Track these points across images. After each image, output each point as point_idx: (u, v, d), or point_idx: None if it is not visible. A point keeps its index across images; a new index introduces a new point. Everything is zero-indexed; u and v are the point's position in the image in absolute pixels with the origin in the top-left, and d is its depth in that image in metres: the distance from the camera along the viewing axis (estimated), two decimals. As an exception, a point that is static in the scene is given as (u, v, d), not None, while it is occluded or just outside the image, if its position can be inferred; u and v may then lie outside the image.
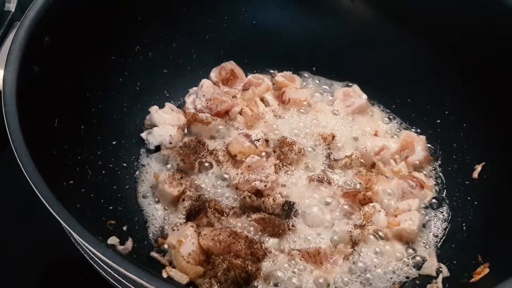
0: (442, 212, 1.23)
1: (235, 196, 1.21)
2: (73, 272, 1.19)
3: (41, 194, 0.79)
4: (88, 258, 0.90)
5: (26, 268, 1.20)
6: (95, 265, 0.89)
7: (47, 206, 0.78)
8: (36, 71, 1.02)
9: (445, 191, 1.27)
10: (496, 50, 1.24)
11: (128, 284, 0.80)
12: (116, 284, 0.87)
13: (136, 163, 1.28)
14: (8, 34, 1.10)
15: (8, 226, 1.27)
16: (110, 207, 1.15)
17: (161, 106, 1.36)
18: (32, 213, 1.24)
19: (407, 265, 1.13)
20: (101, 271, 0.89)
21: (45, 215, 1.04)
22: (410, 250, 1.16)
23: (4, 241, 1.24)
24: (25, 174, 0.82)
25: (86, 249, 0.81)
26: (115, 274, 0.81)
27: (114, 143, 1.27)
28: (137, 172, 1.26)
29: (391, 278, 1.11)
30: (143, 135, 1.32)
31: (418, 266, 1.13)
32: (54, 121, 1.07)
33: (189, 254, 1.08)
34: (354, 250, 1.14)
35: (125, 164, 1.26)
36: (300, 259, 1.11)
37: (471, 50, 1.30)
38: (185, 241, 1.09)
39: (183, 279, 1.05)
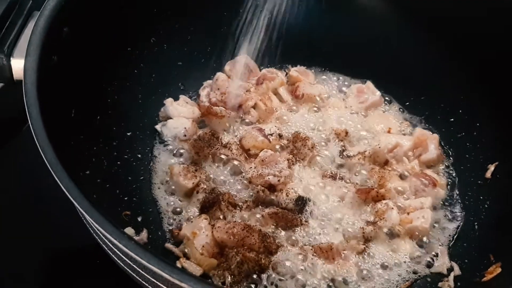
0: (454, 211, 1.23)
1: (249, 190, 1.21)
2: (85, 261, 1.19)
3: (63, 184, 0.79)
4: (106, 248, 0.91)
5: (38, 258, 1.20)
6: (113, 255, 0.90)
7: (70, 197, 0.79)
8: (55, 61, 1.02)
9: (457, 190, 1.27)
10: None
11: (147, 276, 0.81)
12: (134, 274, 0.88)
13: (150, 155, 1.28)
14: (27, 24, 1.10)
15: (18, 215, 1.26)
16: (125, 198, 1.16)
17: (176, 98, 1.36)
18: (43, 201, 1.25)
19: (419, 263, 1.13)
20: (119, 261, 0.90)
21: (56, 204, 1.05)
22: (422, 248, 1.16)
23: (14, 230, 1.22)
24: (47, 164, 0.82)
25: (106, 240, 0.82)
26: (134, 265, 0.82)
27: (129, 134, 1.27)
28: (151, 164, 1.27)
29: (400, 274, 1.12)
30: (158, 127, 1.32)
31: (430, 264, 1.14)
32: (71, 112, 1.08)
33: (203, 246, 1.08)
34: (366, 246, 1.14)
35: (139, 156, 1.27)
36: (313, 254, 1.11)
37: (486, 49, 1.30)
38: (199, 233, 1.10)
39: (197, 270, 1.06)
